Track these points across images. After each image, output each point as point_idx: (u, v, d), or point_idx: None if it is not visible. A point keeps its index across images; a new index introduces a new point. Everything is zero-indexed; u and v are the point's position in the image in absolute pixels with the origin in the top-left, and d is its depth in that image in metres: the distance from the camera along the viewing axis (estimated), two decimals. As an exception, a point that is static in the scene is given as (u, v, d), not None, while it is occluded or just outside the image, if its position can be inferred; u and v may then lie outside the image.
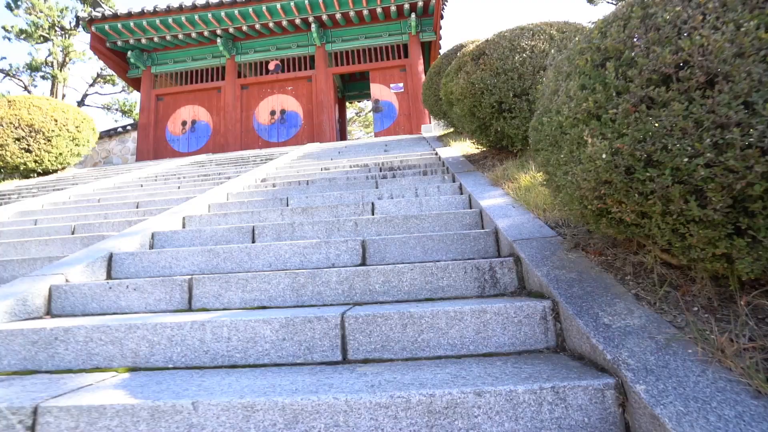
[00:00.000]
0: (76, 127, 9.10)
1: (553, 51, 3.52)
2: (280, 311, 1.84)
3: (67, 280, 2.35)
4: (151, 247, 3.10)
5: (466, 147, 5.74)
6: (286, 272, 2.09)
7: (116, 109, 21.79)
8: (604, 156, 1.30)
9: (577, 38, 1.70)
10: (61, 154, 8.79)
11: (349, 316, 1.59)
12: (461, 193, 3.67)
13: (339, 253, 2.51)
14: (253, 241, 3.02)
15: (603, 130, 1.32)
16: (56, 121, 8.61)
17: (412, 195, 3.74)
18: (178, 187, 5.59)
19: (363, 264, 2.48)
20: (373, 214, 3.33)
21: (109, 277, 2.62)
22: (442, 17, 11.98)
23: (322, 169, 5.69)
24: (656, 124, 1.14)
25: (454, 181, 4.10)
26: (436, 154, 5.85)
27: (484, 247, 2.45)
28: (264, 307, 2.04)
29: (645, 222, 1.33)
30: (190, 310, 2.10)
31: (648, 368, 1.07)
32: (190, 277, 2.15)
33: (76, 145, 9.14)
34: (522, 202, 2.81)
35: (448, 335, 1.54)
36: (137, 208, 4.62)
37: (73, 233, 3.69)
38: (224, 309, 2.07)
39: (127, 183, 6.64)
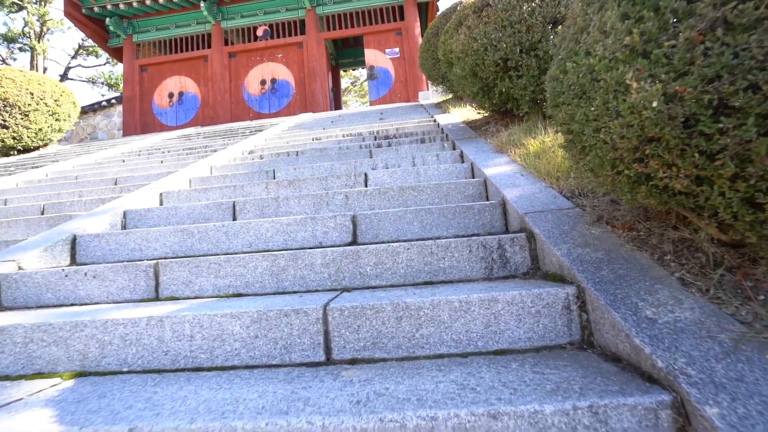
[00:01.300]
0: (55, 100, 8.62)
1: (565, -1, 3.12)
2: (254, 300, 1.58)
3: (20, 268, 2.09)
4: (123, 227, 2.82)
5: (466, 113, 5.37)
6: (264, 254, 1.82)
7: (102, 83, 21.00)
8: (654, 104, 1.00)
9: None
10: (41, 129, 8.36)
11: (332, 309, 1.33)
12: (462, 162, 3.36)
13: (327, 231, 2.23)
14: (234, 218, 2.74)
15: (654, 70, 1.01)
16: (32, 94, 8.13)
17: (409, 164, 3.43)
18: (161, 162, 5.26)
19: (354, 242, 2.21)
20: (366, 186, 3.03)
21: (73, 262, 2.36)
22: (439, -25, 11.21)
23: (313, 140, 5.34)
24: (738, 56, 0.84)
25: (454, 149, 3.78)
26: (435, 121, 5.49)
27: (490, 220, 2.17)
28: (239, 295, 1.79)
29: (703, 190, 1.04)
30: (156, 299, 1.85)
31: (717, 382, 0.82)
32: (156, 261, 1.88)
33: (57, 120, 8.69)
34: (531, 169, 2.51)
35: (452, 329, 1.28)
36: (115, 184, 4.31)
37: (42, 213, 3.40)
38: (195, 297, 1.82)
39: (108, 159, 6.29)
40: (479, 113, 4.73)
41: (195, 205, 2.79)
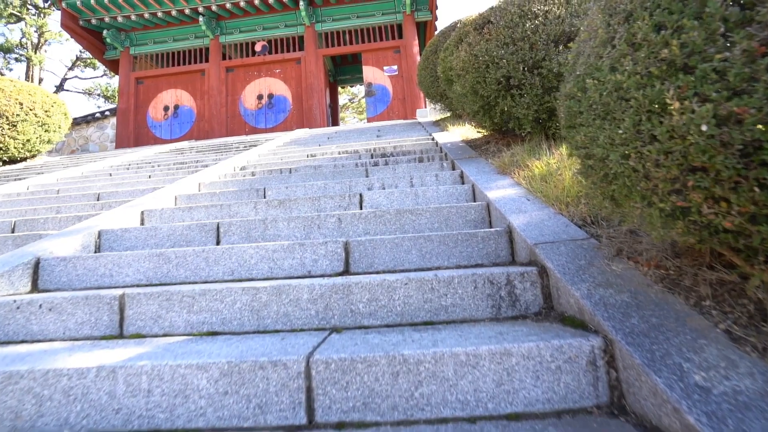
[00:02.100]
0: (45, 111, 8.45)
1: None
2: (229, 342, 1.38)
3: (-29, 296, 1.87)
4: (97, 248, 2.61)
5: (465, 132, 5.25)
6: (244, 287, 1.62)
7: (98, 94, 20.93)
8: (704, 128, 0.83)
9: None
10: (28, 140, 8.16)
11: (317, 361, 1.13)
12: (463, 183, 3.20)
13: (317, 258, 2.04)
14: (218, 241, 2.54)
15: (701, 87, 0.85)
16: (21, 104, 7.96)
17: (407, 185, 3.27)
18: (149, 177, 5.06)
19: (346, 271, 2.02)
20: (360, 208, 2.85)
21: (34, 288, 2.14)
22: (438, -5, 11.33)
23: (308, 156, 5.18)
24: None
25: (453, 169, 3.63)
26: (433, 139, 5.36)
27: (495, 249, 1.99)
28: (214, 333, 1.58)
29: (759, 230, 0.87)
30: (120, 336, 1.63)
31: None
32: (122, 293, 1.68)
33: (46, 131, 8.51)
34: (538, 193, 2.35)
35: (458, 388, 1.09)
36: (97, 200, 4.11)
37: (12, 231, 3.18)
38: (164, 335, 1.60)
39: (96, 172, 6.09)
40: (479, 132, 4.61)
41: (176, 226, 2.59)
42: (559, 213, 2.07)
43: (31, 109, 8.17)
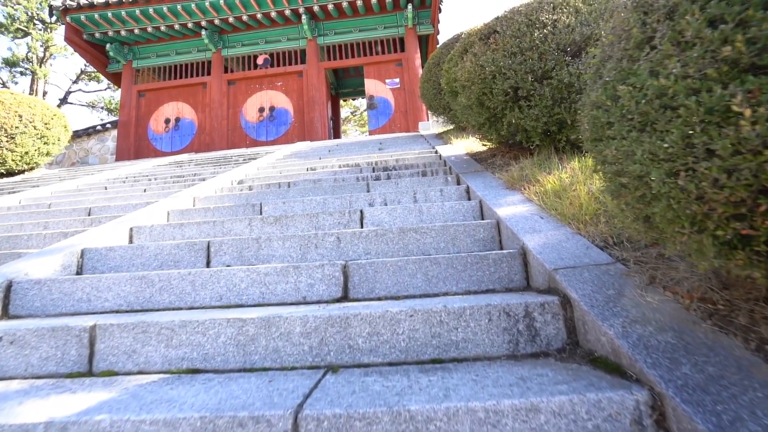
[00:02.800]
0: (45, 124, 8.38)
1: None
2: (209, 384, 1.20)
3: (-69, 324, 1.70)
4: (79, 269, 2.44)
5: (469, 144, 5.11)
6: (230, 319, 1.44)
7: (102, 107, 21.04)
8: (787, 142, 0.66)
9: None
10: (27, 153, 8.07)
11: (306, 418, 0.94)
12: (469, 199, 3.04)
13: (312, 283, 1.86)
14: (208, 262, 2.37)
15: (780, 92, 0.69)
16: (21, 117, 7.89)
17: (410, 200, 3.10)
18: (144, 190, 4.92)
19: (344, 297, 1.84)
20: (361, 226, 2.68)
21: (5, 314, 1.96)
22: (440, 9, 11.37)
23: (307, 170, 5.04)
24: None
25: (459, 184, 3.47)
26: (436, 152, 5.23)
27: (508, 274, 1.81)
28: (195, 371, 1.40)
29: None
30: (89, 373, 1.45)
31: None
32: (93, 323, 1.50)
33: (45, 143, 8.43)
34: (552, 211, 2.18)
35: (476, 453, 0.90)
36: (88, 215, 3.96)
37: (-5, 248, 3.02)
38: (138, 373, 1.42)
39: (91, 185, 5.96)
40: (484, 145, 4.46)
41: (164, 245, 2.42)
42: (578, 233, 1.89)
43: (30, 122, 8.10)
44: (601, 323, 1.16)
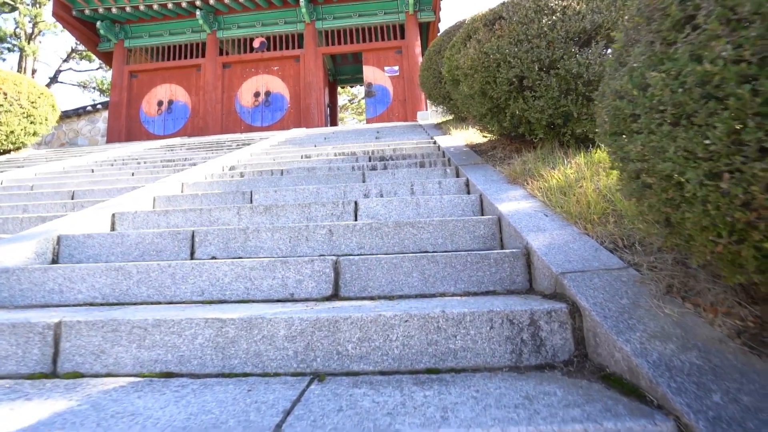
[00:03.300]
0: (32, 102, 8.11)
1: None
2: (182, 392, 1.08)
3: None
4: (55, 256, 2.30)
5: (469, 135, 4.97)
6: (208, 319, 1.32)
7: (93, 87, 20.56)
8: None
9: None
10: (12, 132, 7.81)
11: (285, 442, 0.83)
12: (469, 192, 2.92)
13: (301, 279, 1.74)
14: (192, 252, 2.24)
15: None
16: (5, 94, 7.61)
17: (407, 192, 2.98)
18: (132, 174, 4.75)
19: (335, 295, 1.72)
20: (355, 219, 2.56)
21: (-31, 304, 1.82)
22: (442, -4, 11.09)
23: (302, 157, 4.88)
24: None
25: (458, 176, 3.35)
26: (435, 142, 5.08)
27: (510, 275, 1.70)
28: (168, 375, 1.28)
29: None
30: (53, 374, 1.32)
31: None
32: (59, 320, 1.37)
33: (32, 123, 8.17)
34: (558, 209, 2.06)
35: (477, 487, 0.79)
36: (71, 198, 3.79)
37: (-32, 232, 2.86)
38: (107, 375, 1.30)
39: (77, 167, 5.76)
40: (485, 136, 4.33)
41: (146, 234, 2.28)
42: (585, 233, 1.78)
43: (15, 100, 7.82)
44: (615, 337, 1.06)
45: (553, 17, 2.82)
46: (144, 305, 1.73)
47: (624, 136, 1.10)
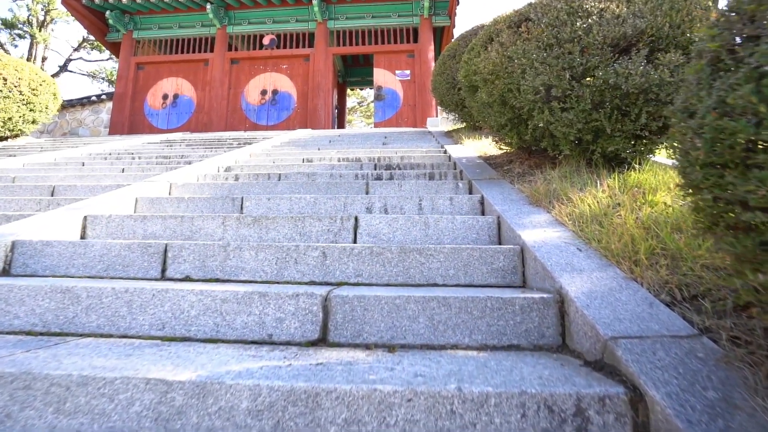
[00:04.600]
0: (32, 89, 7.89)
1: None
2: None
3: None
4: (6, 266, 2.00)
5: (482, 146, 4.66)
6: (150, 380, 1.00)
7: (103, 78, 20.48)
8: None
9: None
10: (10, 119, 7.59)
11: None
12: (483, 213, 2.60)
13: (282, 317, 1.43)
14: (163, 270, 1.93)
15: None
16: (5, 80, 7.40)
17: (414, 208, 2.66)
18: (122, 170, 4.47)
19: (322, 340, 1.40)
20: (354, 240, 2.24)
21: None
22: (458, 2, 10.81)
23: (303, 161, 4.59)
24: None
25: (471, 192, 3.03)
26: (446, 152, 4.77)
27: (538, 326, 1.38)
28: (92, 455, 0.97)
29: None
30: (-55, 441, 1.02)
31: None
32: (-37, 366, 1.06)
33: (31, 110, 7.94)
34: (594, 242, 1.74)
35: None
36: (51, 195, 3.51)
37: (-75, 228, 2.57)
38: (13, 448, 0.99)
39: (69, 159, 5.50)
40: (501, 149, 4.01)
41: (113, 245, 1.98)
42: (632, 278, 1.46)
43: (15, 86, 7.61)
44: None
45: (589, 20, 2.51)
46: (91, 338, 1.43)
47: (729, 170, 0.78)
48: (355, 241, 2.24)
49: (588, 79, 2.45)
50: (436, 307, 1.40)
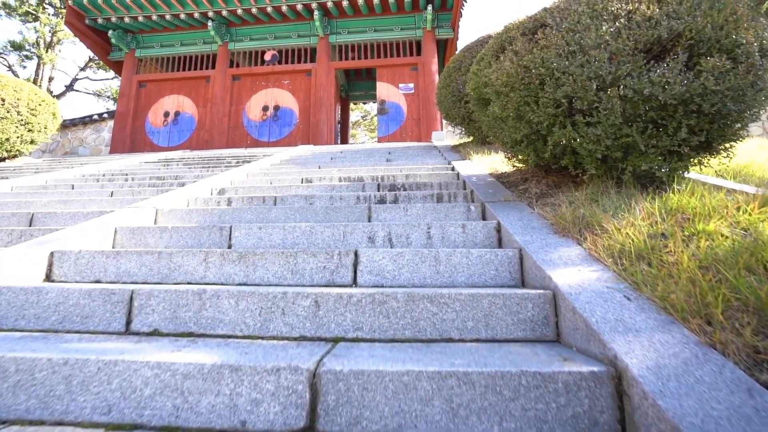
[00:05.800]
0: (31, 109, 7.78)
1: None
2: None
3: None
4: (-52, 318, 1.72)
5: (493, 162, 4.36)
6: None
7: (108, 96, 20.62)
8: None
9: None
10: (8, 140, 7.46)
11: None
12: (501, 244, 2.28)
13: (260, 399, 1.12)
14: (128, 322, 1.64)
15: None
16: (3, 100, 7.28)
17: (422, 238, 2.36)
18: (111, 194, 4.22)
19: (311, 428, 1.09)
20: (354, 282, 1.93)
21: None
22: (461, 14, 10.66)
23: (302, 181, 4.32)
24: None
25: (485, 217, 2.72)
26: (453, 169, 4.48)
27: (589, 410, 1.06)
28: None
29: None
30: None
31: None
32: None
33: (29, 131, 7.82)
34: (643, 287, 1.41)
35: None
36: (29, 224, 3.26)
37: None
38: None
39: (60, 181, 5.29)
40: (514, 166, 3.70)
41: (72, 291, 1.70)
42: (708, 344, 1.13)
43: (14, 107, 7.49)
44: None
45: (617, 24, 2.22)
46: (17, 426, 1.13)
47: None
48: (354, 281, 1.94)
49: (618, 89, 2.15)
50: (456, 385, 1.08)
